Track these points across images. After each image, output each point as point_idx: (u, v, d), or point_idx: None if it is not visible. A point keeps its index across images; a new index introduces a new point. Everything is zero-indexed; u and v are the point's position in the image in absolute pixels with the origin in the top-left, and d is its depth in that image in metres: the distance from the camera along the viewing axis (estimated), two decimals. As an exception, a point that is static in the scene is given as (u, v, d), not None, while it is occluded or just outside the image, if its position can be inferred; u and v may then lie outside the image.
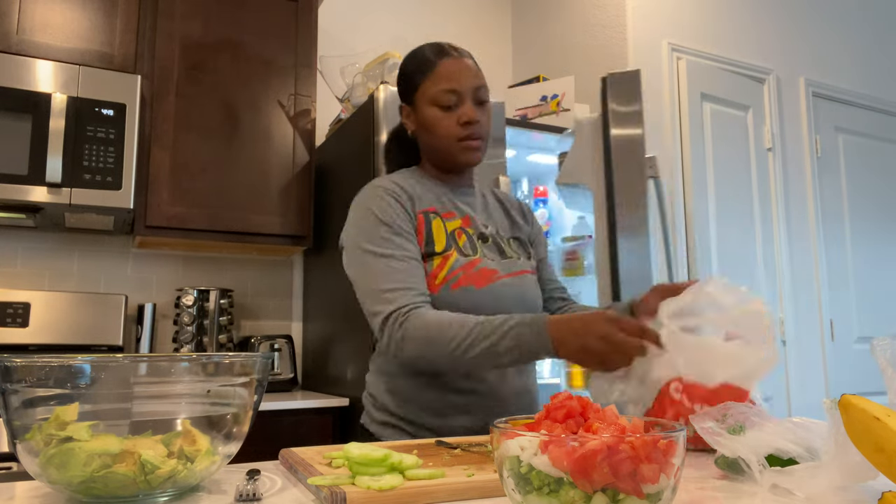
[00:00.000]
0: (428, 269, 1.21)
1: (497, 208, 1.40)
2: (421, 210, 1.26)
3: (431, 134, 1.27)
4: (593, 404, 0.60)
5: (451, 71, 1.26)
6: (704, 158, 2.81)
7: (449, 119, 1.25)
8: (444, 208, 1.29)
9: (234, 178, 2.45)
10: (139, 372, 0.68)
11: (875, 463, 0.60)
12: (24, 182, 2.07)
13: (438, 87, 1.25)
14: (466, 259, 1.23)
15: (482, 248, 1.28)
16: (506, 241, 1.34)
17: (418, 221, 1.25)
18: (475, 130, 1.26)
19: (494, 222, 1.36)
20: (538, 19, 3.31)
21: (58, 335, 2.33)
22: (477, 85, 1.26)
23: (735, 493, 0.74)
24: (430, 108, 1.26)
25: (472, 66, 1.28)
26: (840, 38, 3.45)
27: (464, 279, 1.21)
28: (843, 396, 0.64)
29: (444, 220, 1.27)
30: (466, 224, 1.29)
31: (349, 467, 0.73)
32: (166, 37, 2.40)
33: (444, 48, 1.29)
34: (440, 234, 1.24)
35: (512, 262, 1.30)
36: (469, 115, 1.24)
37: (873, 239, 3.39)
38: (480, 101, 1.27)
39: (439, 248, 1.22)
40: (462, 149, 1.26)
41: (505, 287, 1.24)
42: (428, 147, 1.31)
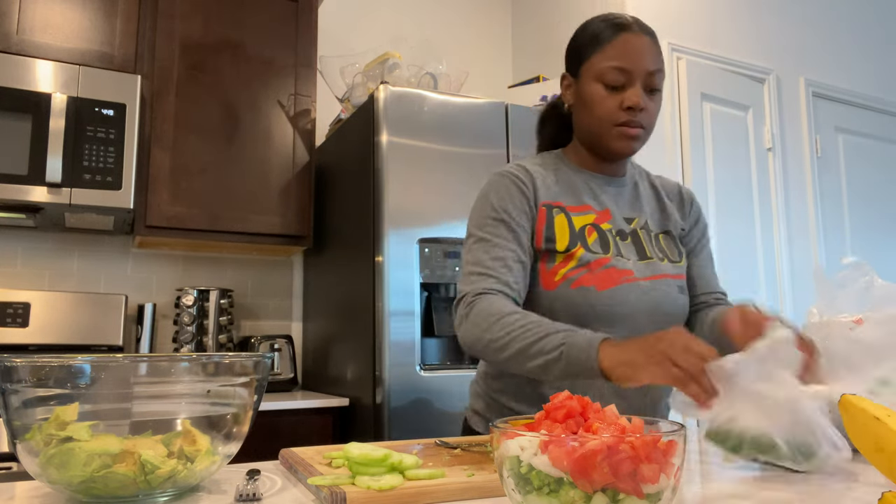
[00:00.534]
0: (548, 266, 1.13)
1: (650, 198, 1.27)
2: (545, 202, 1.17)
3: (589, 113, 1.16)
4: (593, 404, 0.60)
5: (628, 48, 1.13)
6: (704, 158, 2.81)
7: (612, 100, 1.14)
8: (576, 201, 1.19)
9: (234, 178, 2.45)
10: (139, 372, 0.68)
11: (875, 463, 0.60)
12: (24, 182, 2.07)
13: (609, 63, 1.13)
14: (594, 257, 1.13)
15: (621, 245, 1.17)
16: (652, 237, 1.22)
17: (539, 213, 1.16)
18: (637, 118, 1.14)
19: (643, 215, 1.24)
20: (538, 19, 3.31)
21: (58, 335, 2.33)
22: (652, 69, 1.14)
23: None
24: (594, 83, 1.15)
25: (652, 48, 1.15)
26: (840, 38, 3.45)
27: (586, 278, 1.11)
28: (844, 396, 0.64)
29: (570, 214, 1.17)
30: (604, 219, 1.18)
31: (349, 467, 0.73)
32: (166, 37, 2.40)
33: (626, 22, 1.16)
34: (563, 231, 1.14)
35: (652, 265, 1.17)
36: (634, 100, 1.12)
37: (873, 239, 3.39)
38: (652, 89, 1.15)
39: (561, 247, 1.13)
40: (618, 135, 1.15)
41: (635, 291, 1.12)
42: (582, 126, 1.20)
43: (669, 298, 1.16)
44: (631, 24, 1.16)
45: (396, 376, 1.98)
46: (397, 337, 2.00)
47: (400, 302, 2.02)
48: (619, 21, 1.16)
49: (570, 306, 1.10)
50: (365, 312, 2.11)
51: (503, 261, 1.11)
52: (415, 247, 2.07)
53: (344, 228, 2.38)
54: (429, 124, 2.16)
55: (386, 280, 2.02)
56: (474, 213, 1.18)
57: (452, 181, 2.16)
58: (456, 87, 2.56)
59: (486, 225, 1.14)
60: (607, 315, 1.10)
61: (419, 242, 2.08)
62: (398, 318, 2.01)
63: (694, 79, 2.83)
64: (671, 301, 1.16)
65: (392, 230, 2.04)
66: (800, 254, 3.08)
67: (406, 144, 2.11)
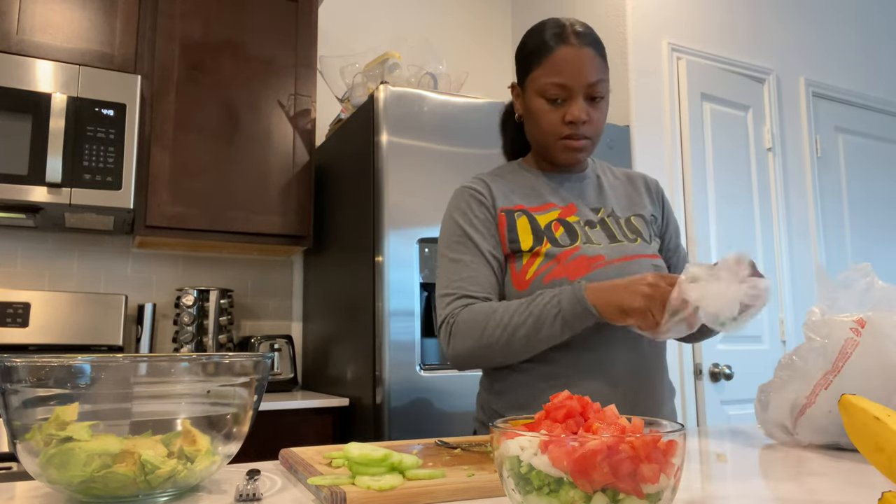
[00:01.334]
0: (516, 267, 1.16)
1: (616, 185, 1.30)
2: (504, 208, 1.20)
3: (535, 126, 1.20)
4: (593, 404, 0.60)
5: (567, 63, 1.14)
6: (704, 158, 2.81)
7: (555, 114, 1.16)
8: (539, 202, 1.21)
9: (234, 178, 2.45)
10: (139, 372, 0.68)
11: (875, 463, 0.60)
12: (24, 182, 2.07)
13: (548, 79, 1.15)
14: (561, 249, 1.15)
15: (590, 233, 1.19)
16: (622, 221, 1.24)
17: (500, 219, 1.19)
18: (581, 130, 1.16)
19: (609, 202, 1.26)
20: (538, 19, 3.30)
21: (58, 335, 2.33)
22: (593, 80, 1.15)
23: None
24: (537, 98, 1.17)
25: (592, 58, 1.16)
26: (840, 38, 3.45)
27: (557, 271, 1.13)
28: (844, 396, 0.64)
29: (533, 214, 1.19)
30: (569, 213, 1.21)
31: (349, 467, 0.73)
32: (166, 37, 2.40)
33: (566, 33, 1.17)
34: (526, 232, 1.17)
35: (623, 247, 1.19)
36: (574, 114, 1.14)
37: (873, 239, 3.39)
38: (594, 98, 1.17)
39: (526, 247, 1.16)
40: (563, 147, 1.18)
41: (609, 274, 1.13)
42: (531, 137, 1.24)
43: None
44: (569, 35, 1.16)
45: (396, 376, 1.98)
46: (397, 337, 2.00)
47: (400, 302, 2.02)
48: (558, 32, 1.17)
49: None
50: (365, 312, 2.11)
51: (475, 279, 1.15)
52: (415, 247, 2.07)
53: (344, 228, 2.38)
54: (429, 124, 2.16)
55: (386, 280, 2.02)
56: (442, 233, 1.23)
57: (452, 181, 2.16)
58: (456, 87, 2.56)
59: (454, 244, 1.18)
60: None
61: (419, 242, 2.08)
62: (398, 318, 2.01)
63: (694, 79, 2.83)
64: None
65: (392, 230, 2.04)
66: (800, 254, 3.08)
67: (406, 144, 2.10)
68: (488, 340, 1.08)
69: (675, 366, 2.59)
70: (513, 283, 1.16)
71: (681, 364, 2.60)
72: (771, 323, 2.87)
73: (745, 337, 2.77)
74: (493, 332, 1.07)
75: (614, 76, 2.75)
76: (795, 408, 1.01)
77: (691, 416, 2.59)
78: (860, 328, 0.94)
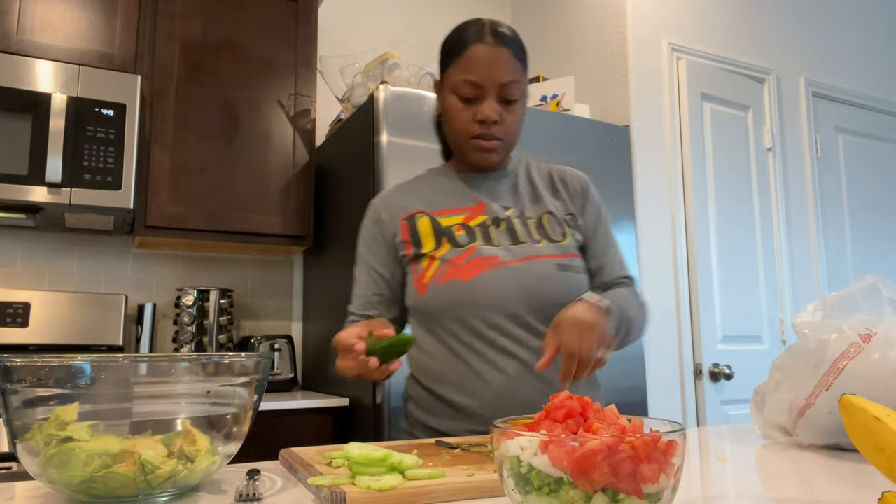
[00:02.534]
0: (417, 270, 1.19)
1: (530, 185, 1.27)
2: (406, 216, 1.23)
3: (449, 123, 1.20)
4: (593, 404, 0.60)
5: (479, 61, 1.13)
6: (704, 158, 2.81)
7: (466, 112, 1.16)
8: (447, 205, 1.22)
9: (234, 178, 2.45)
10: (139, 372, 0.68)
11: (875, 463, 0.60)
12: (24, 182, 2.07)
13: (461, 77, 1.15)
14: (457, 252, 1.16)
15: (493, 234, 1.19)
16: (532, 221, 1.22)
17: (402, 227, 1.22)
18: (492, 131, 1.16)
19: (521, 202, 1.24)
20: (538, 19, 3.31)
21: (58, 335, 2.33)
22: (506, 80, 1.14)
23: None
24: (450, 95, 1.17)
25: (506, 58, 1.14)
26: (840, 38, 3.45)
27: (451, 273, 1.15)
28: (844, 396, 0.64)
29: (437, 218, 1.21)
30: (476, 213, 1.21)
31: (349, 467, 0.73)
32: (166, 37, 2.40)
33: (483, 31, 1.15)
34: (427, 234, 1.19)
35: (525, 247, 1.17)
36: (484, 113, 1.14)
37: (873, 239, 3.39)
38: (508, 100, 1.16)
39: (427, 249, 1.18)
40: (474, 147, 1.18)
41: (504, 274, 1.14)
42: (448, 136, 1.25)
43: (544, 279, 1.15)
44: (486, 34, 1.15)
45: (396, 376, 1.98)
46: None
47: (400, 302, 2.02)
48: (473, 30, 1.16)
49: (442, 303, 1.15)
50: (365, 312, 2.11)
51: (365, 297, 1.25)
52: (415, 247, 2.07)
53: (344, 228, 2.38)
54: (429, 124, 2.15)
55: (386, 280, 2.02)
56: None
57: (452, 181, 2.16)
58: (456, 87, 2.55)
59: (359, 258, 1.28)
60: (477, 302, 1.13)
61: (419, 242, 2.07)
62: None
63: (694, 79, 2.83)
64: (547, 281, 1.15)
65: (392, 230, 2.04)
66: (800, 254, 3.07)
67: (406, 144, 2.10)
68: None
69: (674, 366, 2.59)
70: (414, 287, 1.19)
71: (681, 364, 2.60)
72: (771, 323, 2.87)
73: (745, 337, 2.77)
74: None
75: (615, 76, 2.75)
76: (794, 408, 1.00)
77: (691, 416, 2.59)
78: (870, 334, 0.93)
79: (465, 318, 1.14)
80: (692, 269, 2.68)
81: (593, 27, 2.90)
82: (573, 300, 1.12)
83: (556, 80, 2.67)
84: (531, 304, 1.14)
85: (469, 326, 1.15)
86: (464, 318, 1.15)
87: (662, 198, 2.67)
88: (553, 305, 1.11)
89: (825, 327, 0.98)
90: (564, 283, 1.16)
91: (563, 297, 1.14)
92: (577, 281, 1.18)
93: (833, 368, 0.95)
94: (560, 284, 1.16)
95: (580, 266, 1.21)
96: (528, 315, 1.15)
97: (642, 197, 2.61)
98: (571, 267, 1.18)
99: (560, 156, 2.42)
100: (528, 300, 1.14)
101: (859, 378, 0.92)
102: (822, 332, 0.98)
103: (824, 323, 1.00)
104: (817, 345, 0.98)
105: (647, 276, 2.57)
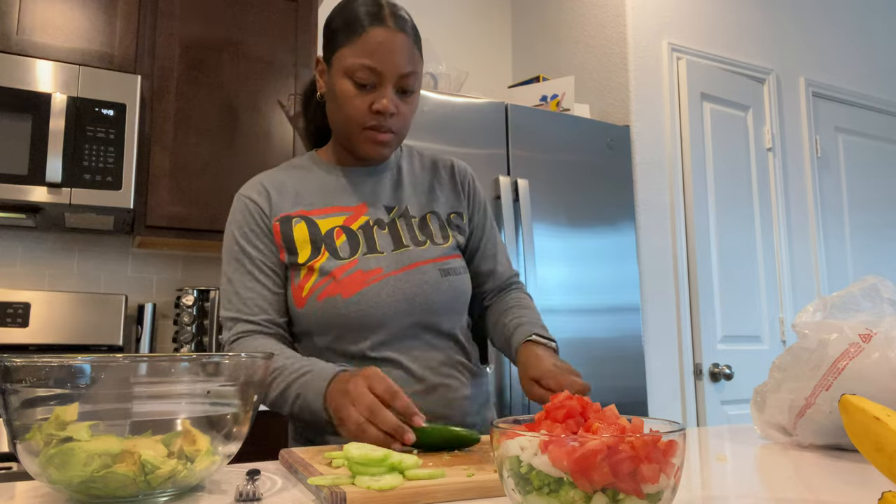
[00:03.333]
0: (295, 281, 1.09)
1: (414, 181, 1.20)
2: (281, 216, 1.11)
3: (338, 109, 1.09)
4: (593, 404, 0.60)
5: (380, 46, 1.04)
6: (704, 158, 2.81)
7: (361, 100, 1.06)
8: (325, 203, 1.13)
9: (234, 178, 2.45)
10: (139, 372, 0.68)
11: (875, 463, 0.60)
12: (24, 182, 2.07)
13: (358, 60, 1.04)
14: (337, 263, 1.07)
15: (377, 238, 1.11)
16: (416, 221, 1.16)
17: (274, 231, 1.10)
18: (387, 123, 1.07)
19: (405, 200, 1.17)
20: (538, 19, 3.31)
21: (58, 335, 2.33)
22: (406, 71, 1.06)
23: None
24: (343, 79, 1.06)
25: (407, 46, 1.06)
26: (840, 38, 3.45)
27: (331, 288, 1.06)
28: (844, 396, 0.64)
29: (315, 219, 1.11)
30: (358, 215, 1.12)
31: (349, 467, 0.73)
32: (166, 37, 2.40)
33: (382, 12, 1.06)
34: (304, 242, 1.09)
35: (406, 253, 1.11)
36: (383, 104, 1.05)
37: (873, 239, 3.39)
38: (405, 91, 1.08)
39: (303, 258, 1.08)
40: (366, 139, 1.09)
41: (386, 288, 1.07)
42: (333, 120, 1.13)
43: (429, 286, 1.09)
44: (386, 16, 1.05)
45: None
46: (397, 337, 1.99)
47: (400, 302, 2.01)
48: (373, 11, 1.06)
49: (322, 321, 1.07)
50: (365, 312, 2.11)
51: (252, 300, 1.08)
52: (415, 247, 2.07)
53: (344, 228, 2.38)
54: (429, 124, 2.16)
55: (386, 280, 2.01)
56: (224, 247, 1.14)
57: (452, 181, 2.16)
58: (456, 87, 2.56)
59: (231, 262, 1.11)
60: (361, 321, 1.06)
61: (419, 242, 2.07)
62: (398, 318, 2.01)
63: (694, 79, 2.83)
64: (432, 288, 1.10)
65: (392, 230, 2.04)
66: (800, 254, 3.08)
67: (405, 144, 2.10)
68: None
69: (675, 366, 2.59)
70: (293, 299, 1.10)
71: (681, 364, 2.60)
72: (771, 323, 2.87)
73: (745, 337, 2.78)
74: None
75: (615, 76, 2.75)
76: (794, 409, 1.00)
77: (691, 416, 2.60)
78: (870, 334, 0.93)
79: (345, 337, 1.08)
80: (692, 268, 2.68)
81: (593, 27, 2.90)
82: (457, 305, 1.13)
83: (556, 80, 2.67)
84: (416, 313, 1.09)
85: (351, 344, 1.08)
86: (344, 336, 1.08)
87: (662, 198, 2.67)
88: (438, 311, 1.10)
89: (825, 327, 0.98)
90: (451, 289, 1.12)
91: (448, 302, 1.12)
92: (461, 283, 1.15)
93: (833, 368, 0.95)
94: (445, 291, 1.11)
95: (461, 267, 1.16)
96: (412, 325, 1.09)
97: (642, 197, 2.61)
98: (454, 270, 1.14)
99: (560, 156, 2.42)
100: (413, 310, 1.09)
101: (859, 378, 0.92)
102: (822, 332, 0.98)
103: (824, 323, 1.00)
104: (817, 345, 0.97)
105: (647, 276, 2.57)
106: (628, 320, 2.46)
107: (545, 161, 2.38)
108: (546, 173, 2.37)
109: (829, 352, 0.96)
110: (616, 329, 2.42)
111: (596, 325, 2.38)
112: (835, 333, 0.97)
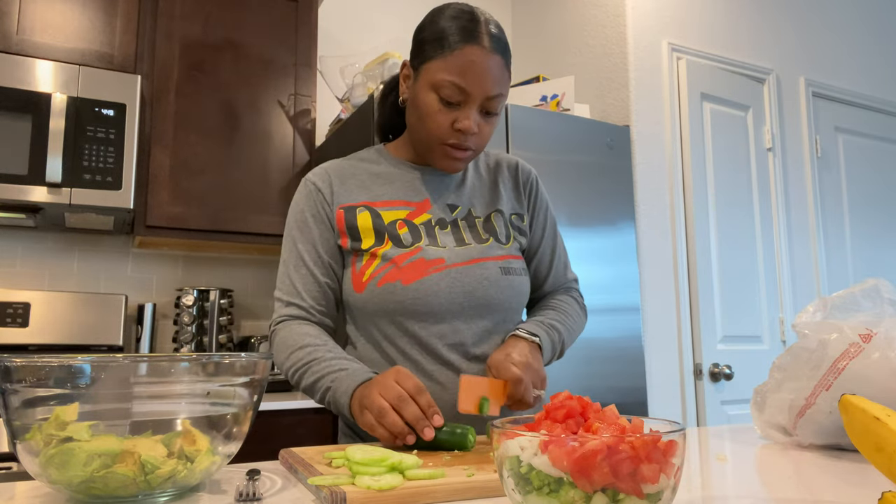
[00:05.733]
0: (357, 267, 1.11)
1: (478, 182, 1.22)
2: (345, 205, 1.13)
3: (420, 120, 1.10)
4: (593, 404, 0.60)
5: (472, 64, 1.03)
6: (704, 158, 2.81)
7: (444, 116, 1.06)
8: (390, 196, 1.14)
9: (234, 178, 2.45)
10: (139, 372, 0.68)
11: (875, 463, 0.60)
12: (24, 182, 2.07)
13: (447, 77, 1.04)
14: (400, 251, 1.08)
15: (438, 235, 1.12)
16: (479, 221, 1.17)
17: (337, 216, 1.12)
18: (468, 142, 1.08)
19: (468, 200, 1.18)
20: (538, 19, 3.31)
21: (58, 335, 2.33)
22: (493, 94, 1.06)
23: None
24: (429, 92, 1.07)
25: (500, 69, 1.06)
26: (840, 38, 3.45)
27: (392, 274, 1.07)
28: (844, 396, 0.64)
29: (378, 210, 1.12)
30: (421, 211, 1.14)
31: (349, 467, 0.73)
32: (166, 37, 2.40)
33: (478, 31, 1.04)
34: (367, 230, 1.11)
35: (469, 249, 1.12)
36: (466, 125, 1.06)
37: (873, 239, 3.39)
38: (489, 112, 1.08)
39: (366, 245, 1.10)
40: (443, 154, 1.10)
41: (446, 279, 1.08)
42: (412, 128, 1.14)
43: (487, 282, 1.10)
44: (482, 34, 1.05)
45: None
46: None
47: (400, 302, 2.01)
48: (469, 27, 1.05)
49: (380, 306, 1.08)
50: (365, 312, 2.11)
51: (303, 284, 1.12)
52: (415, 247, 2.07)
53: (344, 228, 2.38)
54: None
55: (386, 280, 2.01)
56: (286, 226, 1.18)
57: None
58: (456, 87, 2.55)
59: (288, 244, 1.15)
60: (417, 309, 1.07)
61: (419, 242, 2.07)
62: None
63: (694, 79, 2.83)
64: (490, 284, 1.11)
65: (392, 230, 2.04)
66: (800, 254, 3.07)
67: (406, 144, 2.10)
68: (284, 372, 1.09)
69: (674, 366, 2.59)
70: (351, 283, 1.12)
71: (681, 364, 2.60)
72: (771, 323, 2.87)
73: (745, 337, 2.77)
74: (287, 368, 1.08)
75: (615, 76, 2.75)
76: (794, 409, 1.00)
77: (691, 416, 2.60)
78: (870, 334, 0.93)
79: (402, 323, 1.09)
80: (692, 268, 2.68)
81: (593, 27, 2.90)
82: (515, 304, 1.15)
83: (556, 80, 2.67)
84: (473, 308, 1.10)
85: (407, 332, 1.09)
86: (401, 323, 1.09)
87: (662, 198, 2.67)
88: (495, 309, 1.12)
89: (825, 327, 0.98)
90: (507, 286, 1.13)
91: (506, 300, 1.13)
92: (520, 283, 1.16)
93: (833, 368, 0.95)
94: (504, 287, 1.12)
95: (521, 268, 1.18)
96: (468, 319, 1.10)
97: (642, 197, 2.61)
98: (514, 270, 1.15)
99: (560, 156, 2.42)
100: (471, 304, 1.10)
101: (859, 378, 0.92)
102: (823, 332, 0.98)
103: (824, 323, 1.00)
104: (817, 345, 0.98)
105: (647, 276, 2.57)
106: (628, 320, 2.46)
107: (545, 161, 2.38)
108: (546, 173, 2.37)
109: (830, 352, 0.96)
110: (616, 329, 2.42)
111: (596, 325, 2.38)
112: (835, 333, 0.97)
